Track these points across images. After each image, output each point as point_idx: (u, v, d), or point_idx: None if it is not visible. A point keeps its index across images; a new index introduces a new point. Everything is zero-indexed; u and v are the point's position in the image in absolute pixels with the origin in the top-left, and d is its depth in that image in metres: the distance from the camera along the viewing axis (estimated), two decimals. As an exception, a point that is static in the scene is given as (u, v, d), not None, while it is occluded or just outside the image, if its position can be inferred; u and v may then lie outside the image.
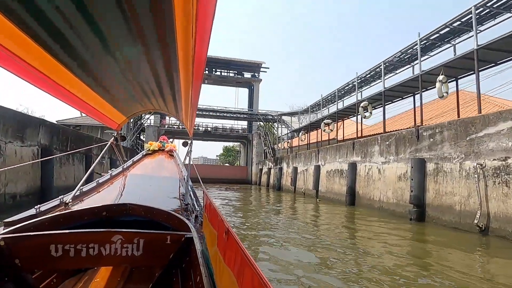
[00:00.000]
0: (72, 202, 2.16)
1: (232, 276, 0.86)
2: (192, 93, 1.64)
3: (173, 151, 4.21)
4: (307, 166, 16.63)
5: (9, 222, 1.63)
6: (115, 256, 1.52)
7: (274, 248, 5.08)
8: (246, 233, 6.26)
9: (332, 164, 13.47)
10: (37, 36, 1.15)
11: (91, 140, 13.53)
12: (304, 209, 11.26)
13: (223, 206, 11.09)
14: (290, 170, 19.70)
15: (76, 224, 1.82)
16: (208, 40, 1.07)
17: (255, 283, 0.64)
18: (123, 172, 3.15)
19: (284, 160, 21.48)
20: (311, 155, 16.29)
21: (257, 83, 35.98)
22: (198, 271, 1.30)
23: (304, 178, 16.67)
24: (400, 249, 5.31)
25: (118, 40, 1.24)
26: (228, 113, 30.29)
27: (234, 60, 35.36)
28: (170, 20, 1.03)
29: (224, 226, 1.03)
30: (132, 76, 1.69)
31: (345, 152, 12.39)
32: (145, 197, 2.41)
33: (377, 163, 10.03)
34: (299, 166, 18.02)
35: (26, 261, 1.40)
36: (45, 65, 1.38)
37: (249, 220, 8.11)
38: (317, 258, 4.48)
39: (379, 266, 4.14)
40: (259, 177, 28.71)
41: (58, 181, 10.04)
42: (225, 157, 63.02)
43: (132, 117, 2.96)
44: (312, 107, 19.85)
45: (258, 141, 30.73)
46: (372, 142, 10.43)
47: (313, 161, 15.85)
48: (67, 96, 1.81)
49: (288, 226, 7.32)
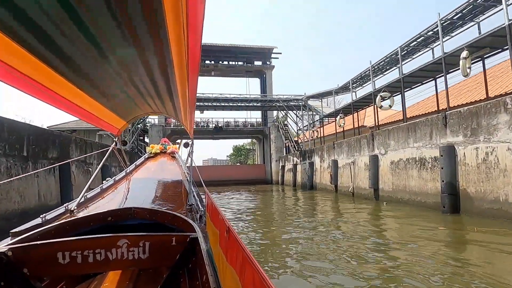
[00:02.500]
0: (77, 209, 2.23)
1: (235, 274, 0.87)
2: (189, 88, 1.63)
3: (175, 153, 4.20)
4: (354, 158, 12.81)
5: (16, 232, 1.66)
6: (122, 260, 1.53)
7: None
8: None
9: (402, 151, 9.64)
10: (30, 45, 1.16)
11: (69, 141, 10.02)
12: (370, 223, 7.46)
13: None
14: (326, 164, 15.89)
15: (82, 231, 1.85)
16: (201, 32, 1.06)
17: (256, 280, 0.65)
18: (126, 176, 3.19)
19: (315, 153, 17.67)
20: (360, 143, 12.46)
21: (269, 71, 32.17)
22: (204, 270, 1.32)
23: (351, 174, 12.86)
24: None
25: (111, 43, 1.24)
26: (242, 102, 26.09)
27: (241, 46, 31.64)
28: (160, 16, 1.02)
29: (225, 225, 1.03)
30: (128, 79, 1.69)
31: (427, 132, 8.54)
32: (149, 200, 2.55)
33: (508, 141, 6.18)
34: (341, 159, 14.20)
35: (34, 269, 1.41)
36: (41, 74, 1.39)
37: (280, 261, 4.36)
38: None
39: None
40: (282, 176, 24.92)
41: (6, 204, 6.51)
42: (235, 157, 60.00)
43: (131, 121, 2.93)
44: (355, 81, 15.61)
45: (277, 135, 26.91)
46: (492, 110, 6.55)
47: (364, 151, 12.03)
48: (64, 104, 1.84)
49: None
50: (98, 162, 11.84)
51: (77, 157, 10.34)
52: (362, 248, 4.79)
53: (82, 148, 10.81)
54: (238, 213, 9.57)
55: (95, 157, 11.89)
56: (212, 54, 30.33)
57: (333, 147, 15.09)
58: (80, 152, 10.63)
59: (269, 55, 32.43)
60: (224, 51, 31.27)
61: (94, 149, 12.10)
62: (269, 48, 32.08)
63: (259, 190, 20.13)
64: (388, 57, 12.62)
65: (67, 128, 23.56)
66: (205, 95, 24.69)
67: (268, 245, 5.27)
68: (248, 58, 31.97)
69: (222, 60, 31.59)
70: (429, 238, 5.34)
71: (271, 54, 32.42)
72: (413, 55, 12.37)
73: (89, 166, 11.04)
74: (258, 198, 15.27)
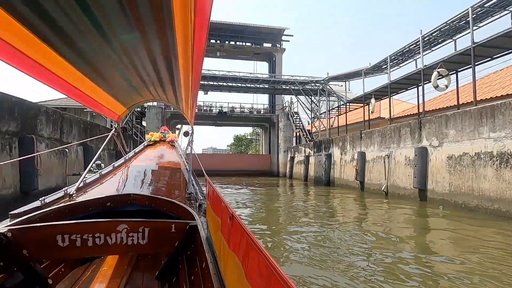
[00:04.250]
0: (76, 194, 2.22)
1: (237, 260, 0.86)
2: (193, 76, 1.61)
3: (174, 142, 4.19)
4: (390, 150, 10.61)
5: (15, 214, 1.65)
6: (121, 245, 1.53)
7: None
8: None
9: (468, 143, 7.42)
10: (34, 26, 1.14)
11: (37, 113, 7.74)
12: (438, 236, 5.27)
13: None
14: (349, 157, 13.70)
15: (81, 215, 1.86)
16: (207, 26, 1.05)
17: (261, 264, 0.64)
18: (125, 163, 3.17)
19: (334, 144, 15.46)
20: (399, 133, 10.23)
21: (280, 54, 29.65)
22: (204, 257, 1.33)
23: (385, 169, 10.68)
24: None
25: (115, 27, 1.22)
26: (252, 82, 23.20)
27: (250, 25, 29.03)
28: (167, 7, 1.02)
29: (229, 212, 1.01)
30: (131, 64, 1.68)
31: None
32: (148, 187, 2.59)
33: None
34: (370, 151, 12.00)
35: (33, 251, 1.42)
36: (43, 56, 1.37)
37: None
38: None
39: None
40: (290, 168, 22.76)
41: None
42: (236, 147, 57.87)
43: (132, 108, 2.97)
44: (395, 57, 12.65)
45: (286, 123, 24.63)
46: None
47: (406, 142, 9.81)
48: (66, 88, 1.81)
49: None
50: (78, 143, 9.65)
51: (48, 134, 8.11)
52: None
53: (56, 124, 8.58)
54: (243, 218, 7.42)
55: (74, 136, 9.67)
56: (218, 32, 27.78)
57: (359, 137, 12.85)
58: (53, 128, 8.40)
59: (280, 37, 29.86)
60: (232, 30, 28.69)
61: (75, 126, 9.89)
62: (280, 29, 29.46)
63: (265, 183, 17.98)
64: (451, 22, 9.56)
65: (57, 105, 21.35)
66: (211, 72, 22.15)
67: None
68: (257, 39, 29.38)
69: (228, 40, 29.01)
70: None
71: (281, 36, 29.85)
72: (481, 22, 9.63)
73: (65, 147, 8.84)
74: (266, 194, 13.14)
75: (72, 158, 9.41)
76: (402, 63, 12.84)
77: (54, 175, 8.24)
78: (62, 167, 8.74)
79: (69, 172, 8.80)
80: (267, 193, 13.24)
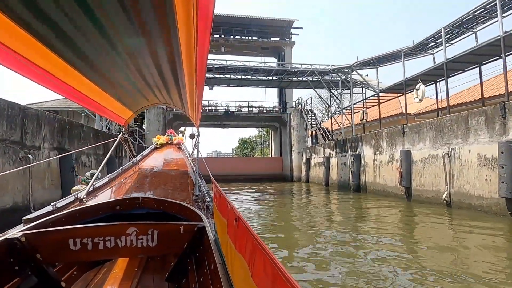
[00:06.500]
0: (86, 198, 2.30)
1: (244, 262, 0.86)
2: (197, 78, 1.63)
3: (181, 144, 4.25)
4: (451, 147, 8.22)
5: (28, 219, 1.71)
6: (131, 247, 1.56)
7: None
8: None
9: None
10: (40, 34, 1.17)
11: None
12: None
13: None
14: (387, 157, 11.31)
15: (91, 219, 1.92)
16: (210, 29, 1.06)
17: (267, 266, 0.64)
18: (133, 166, 3.23)
19: (364, 142, 13.08)
20: (466, 124, 7.84)
21: (289, 48, 27.40)
22: (212, 259, 1.34)
23: (445, 172, 8.28)
24: None
25: (120, 32, 1.26)
26: (264, 74, 20.43)
27: (257, 18, 26.88)
28: (171, 11, 1.04)
29: (234, 214, 1.02)
30: (136, 68, 1.73)
31: None
32: (156, 190, 2.58)
33: None
34: (418, 149, 9.61)
35: (46, 255, 1.45)
36: (50, 63, 1.41)
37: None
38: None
39: None
40: (306, 171, 20.39)
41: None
42: (241, 150, 55.66)
43: (138, 112, 3.02)
44: (450, 29, 9.95)
45: (300, 122, 22.27)
46: None
47: (477, 135, 7.41)
48: (72, 93, 1.87)
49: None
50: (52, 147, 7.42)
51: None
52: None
53: (13, 121, 6.37)
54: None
55: (44, 138, 7.45)
56: (222, 26, 25.65)
57: (401, 132, 10.47)
58: (9, 127, 6.19)
59: (289, 30, 27.62)
60: (237, 24, 26.52)
61: (46, 125, 7.68)
62: (288, 21, 27.25)
63: (279, 190, 15.58)
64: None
65: (48, 108, 19.36)
66: (217, 61, 19.85)
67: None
68: (264, 33, 27.18)
69: (234, 35, 26.86)
70: None
71: (290, 29, 27.62)
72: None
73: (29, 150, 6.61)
74: (275, 206, 10.80)
75: (41, 167, 7.19)
76: (455, 38, 10.39)
77: (9, 191, 6.03)
78: (24, 178, 6.53)
79: (54, 181, 6.58)
80: (276, 202, 10.90)
